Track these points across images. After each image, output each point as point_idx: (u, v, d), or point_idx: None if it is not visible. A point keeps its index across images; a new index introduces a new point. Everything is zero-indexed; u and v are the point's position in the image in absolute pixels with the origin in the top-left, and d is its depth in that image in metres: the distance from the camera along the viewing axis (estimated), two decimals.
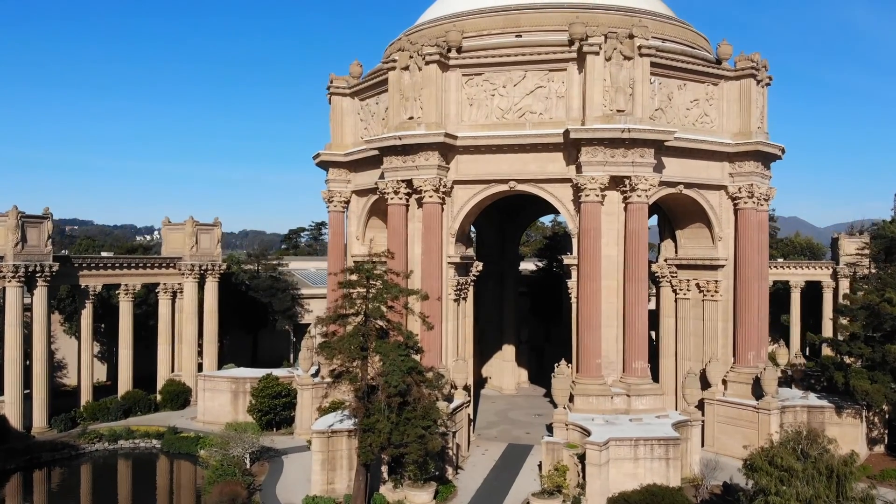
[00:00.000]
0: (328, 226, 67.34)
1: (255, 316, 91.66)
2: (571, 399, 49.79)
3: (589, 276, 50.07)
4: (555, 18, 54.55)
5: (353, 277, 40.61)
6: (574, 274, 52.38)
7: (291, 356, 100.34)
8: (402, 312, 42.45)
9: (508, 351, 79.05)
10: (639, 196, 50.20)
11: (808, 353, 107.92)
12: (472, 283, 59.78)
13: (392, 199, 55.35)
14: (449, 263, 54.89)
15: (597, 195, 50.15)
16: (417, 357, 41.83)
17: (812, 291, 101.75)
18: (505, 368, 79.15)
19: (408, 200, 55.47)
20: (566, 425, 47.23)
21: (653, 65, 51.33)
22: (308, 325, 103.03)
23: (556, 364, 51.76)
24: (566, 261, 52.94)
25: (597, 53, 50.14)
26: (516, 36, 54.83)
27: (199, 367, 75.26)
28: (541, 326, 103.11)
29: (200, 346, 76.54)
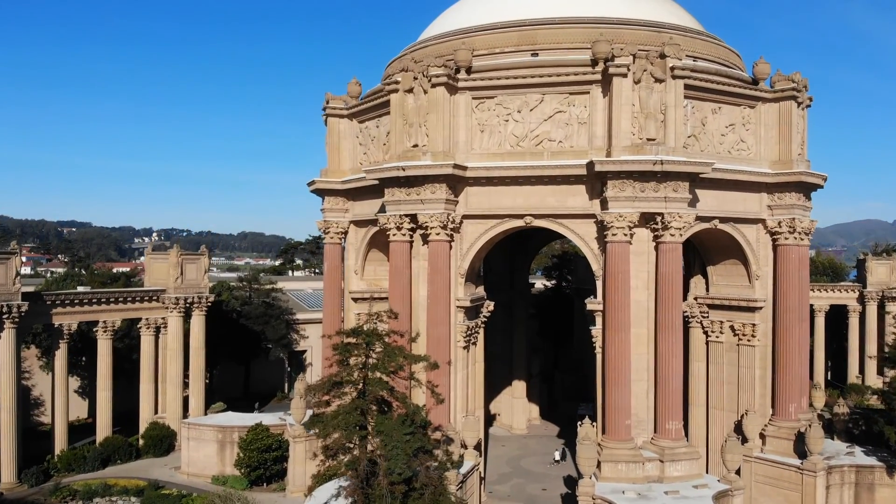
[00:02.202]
0: (324, 259, 61.69)
1: (246, 345, 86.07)
2: (598, 465, 44.11)
3: (617, 326, 44.48)
4: (575, 35, 49.02)
5: (351, 340, 35.00)
6: (599, 321, 46.77)
7: (286, 386, 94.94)
8: (407, 381, 36.89)
9: (519, 387, 73.42)
10: (672, 235, 44.66)
11: (830, 377, 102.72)
12: (483, 325, 54.25)
13: (394, 235, 49.82)
14: (458, 307, 49.33)
15: (625, 234, 44.62)
16: (426, 430, 36.20)
17: (833, 311, 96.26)
18: (515, 406, 73.54)
19: (412, 236, 49.95)
20: (593, 499, 41.64)
21: (686, 87, 45.85)
22: (304, 351, 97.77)
23: (579, 422, 46.09)
24: (589, 306, 47.28)
25: (624, 75, 44.62)
26: (532, 54, 49.34)
27: (185, 406, 69.73)
28: (550, 349, 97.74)
29: (187, 378, 71.04)
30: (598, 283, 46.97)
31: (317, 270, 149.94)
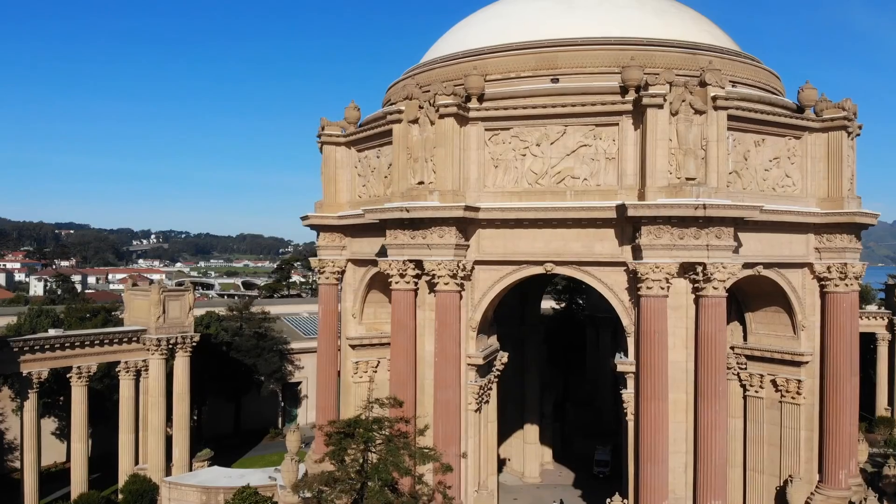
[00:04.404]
0: (319, 302, 56.06)
1: (237, 380, 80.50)
2: None
3: (652, 393, 38.87)
4: (601, 58, 43.52)
5: (347, 430, 29.46)
6: (630, 384, 41.25)
7: (279, 421, 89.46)
8: (412, 476, 31.32)
9: (531, 432, 67.73)
10: (715, 288, 39.06)
11: None
12: (497, 380, 48.72)
13: (397, 283, 44.23)
14: (469, 365, 43.80)
15: (661, 287, 39.05)
16: None
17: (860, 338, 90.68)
18: (528, 451, 67.83)
19: (416, 284, 44.37)
20: None
21: (727, 117, 40.32)
22: (299, 383, 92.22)
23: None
24: (619, 367, 41.72)
25: (660, 106, 39.06)
26: (552, 80, 43.79)
27: (169, 453, 64.11)
28: (559, 377, 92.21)
29: (170, 415, 65.48)
30: (629, 341, 41.43)
31: (315, 287, 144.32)
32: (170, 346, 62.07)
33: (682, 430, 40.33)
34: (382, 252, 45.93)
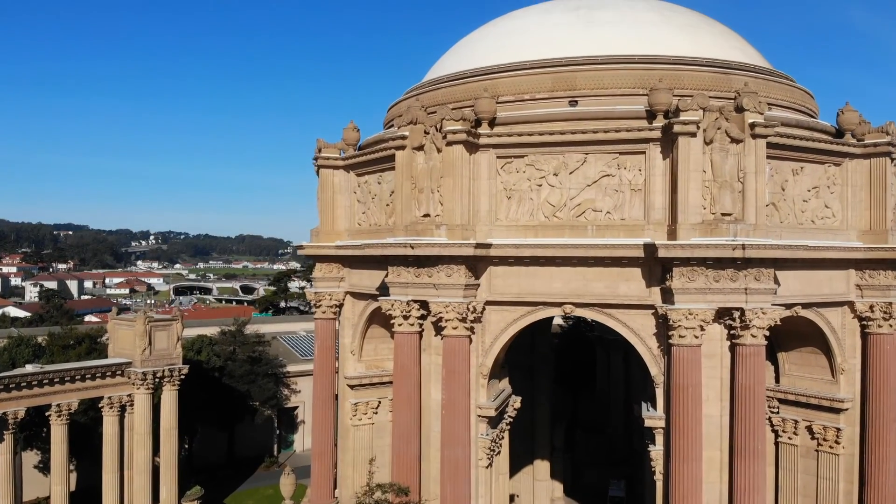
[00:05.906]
0: (315, 337, 52.20)
1: (230, 408, 76.55)
2: None
3: (685, 455, 34.94)
4: (624, 78, 39.65)
5: None
6: (658, 440, 37.39)
7: (275, 448, 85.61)
8: None
9: (542, 468, 63.84)
10: (754, 336, 35.24)
11: None
12: (508, 427, 44.86)
13: (400, 325, 40.33)
14: (480, 417, 39.92)
15: (696, 336, 35.17)
16: None
17: None
18: (538, 488, 63.92)
19: (421, 325, 40.53)
20: None
21: (767, 145, 36.46)
22: (296, 408, 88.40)
23: None
24: (647, 422, 37.80)
25: (693, 134, 35.18)
26: (570, 102, 39.94)
27: (156, 495, 60.13)
28: (568, 397, 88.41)
29: (158, 451, 61.52)
30: (658, 392, 37.55)
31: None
32: (156, 380, 58.08)
33: (716, 492, 36.48)
34: (383, 288, 42.05)
